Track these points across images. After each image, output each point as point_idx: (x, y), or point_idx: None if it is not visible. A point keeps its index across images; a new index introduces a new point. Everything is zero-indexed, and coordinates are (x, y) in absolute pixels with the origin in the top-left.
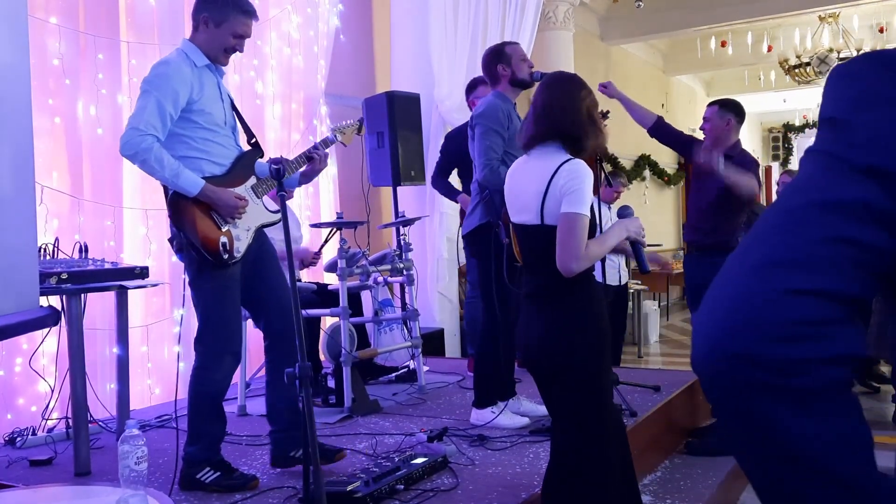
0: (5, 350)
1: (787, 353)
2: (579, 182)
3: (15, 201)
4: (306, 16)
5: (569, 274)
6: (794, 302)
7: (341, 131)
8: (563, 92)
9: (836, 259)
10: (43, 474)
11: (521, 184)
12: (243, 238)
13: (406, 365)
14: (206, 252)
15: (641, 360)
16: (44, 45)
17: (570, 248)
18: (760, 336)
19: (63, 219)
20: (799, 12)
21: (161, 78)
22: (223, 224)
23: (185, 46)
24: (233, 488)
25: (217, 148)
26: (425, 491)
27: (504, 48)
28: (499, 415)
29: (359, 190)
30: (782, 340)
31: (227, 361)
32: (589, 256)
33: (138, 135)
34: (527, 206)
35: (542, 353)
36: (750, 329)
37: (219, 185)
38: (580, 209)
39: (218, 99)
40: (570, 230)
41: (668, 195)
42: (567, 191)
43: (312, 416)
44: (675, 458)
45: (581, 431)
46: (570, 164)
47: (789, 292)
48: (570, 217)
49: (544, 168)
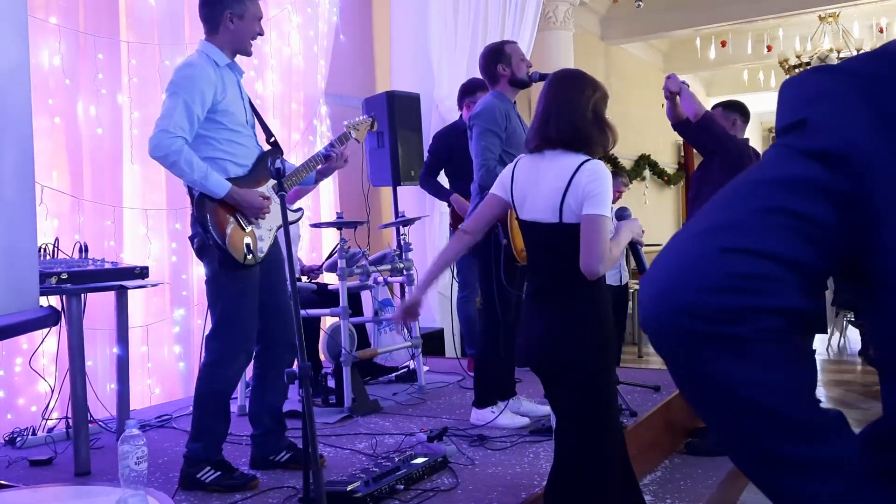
0: (5, 350)
1: (723, 303)
2: (602, 183)
3: (15, 201)
4: (306, 16)
5: (594, 276)
6: (732, 259)
7: (355, 128)
8: (564, 92)
9: (775, 225)
10: (43, 474)
11: (534, 182)
12: (266, 238)
13: (406, 365)
14: (231, 253)
15: (641, 360)
16: (44, 46)
17: (595, 250)
18: (699, 288)
19: (63, 219)
20: (799, 12)
21: (188, 79)
22: (247, 225)
23: (204, 48)
24: (233, 488)
25: (240, 149)
26: (425, 491)
27: (504, 47)
28: (499, 415)
29: (359, 190)
30: (719, 291)
31: (241, 359)
32: (612, 258)
33: (168, 137)
34: (542, 204)
35: (543, 352)
36: (690, 283)
37: (242, 186)
38: (604, 211)
39: (239, 98)
40: (595, 232)
41: (668, 195)
42: (590, 192)
43: (312, 415)
44: (675, 458)
45: (581, 432)
46: (591, 163)
47: (727, 250)
48: (595, 219)
49: (563, 166)
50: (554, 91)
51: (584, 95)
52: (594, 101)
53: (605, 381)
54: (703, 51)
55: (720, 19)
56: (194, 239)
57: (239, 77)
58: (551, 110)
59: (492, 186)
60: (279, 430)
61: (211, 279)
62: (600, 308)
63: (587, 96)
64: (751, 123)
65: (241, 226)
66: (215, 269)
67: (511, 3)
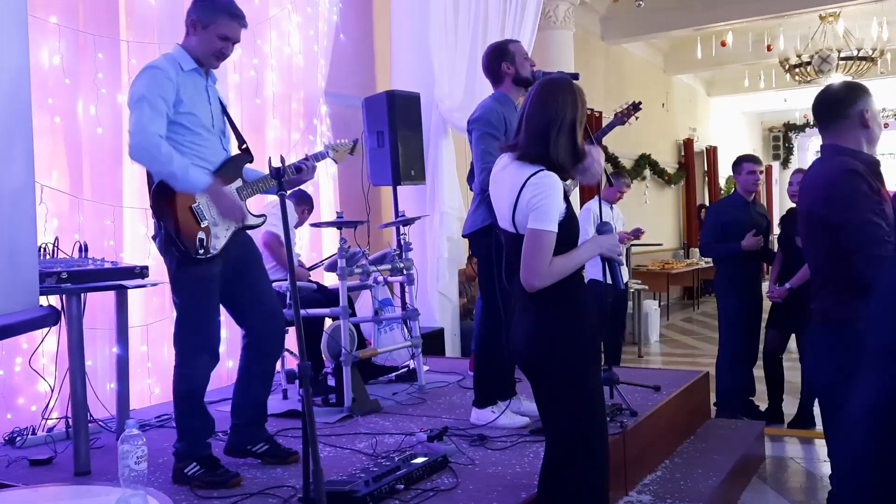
0: (5, 350)
1: None
2: (544, 197)
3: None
4: (306, 15)
5: (531, 290)
6: None
7: (335, 149)
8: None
9: None
10: (43, 474)
11: (499, 191)
12: (221, 236)
13: (406, 364)
14: (183, 244)
15: (641, 360)
16: (43, 45)
17: (531, 265)
18: None
19: (63, 218)
20: (799, 11)
21: (145, 79)
22: (203, 220)
23: (174, 50)
24: (214, 484)
25: (204, 150)
26: (425, 490)
27: (507, 46)
28: (499, 415)
29: (359, 189)
30: None
31: (203, 359)
32: (553, 273)
33: (141, 136)
34: (503, 215)
35: (527, 352)
36: None
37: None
38: (545, 225)
39: (205, 102)
40: (533, 247)
41: (668, 195)
42: (533, 206)
43: (312, 415)
44: (675, 458)
45: (564, 432)
46: (536, 177)
47: None
48: (534, 234)
49: (515, 178)
50: (532, 101)
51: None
52: (574, 120)
53: (585, 383)
54: (704, 50)
55: (720, 19)
56: (156, 238)
57: (208, 82)
58: (523, 122)
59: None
60: (260, 422)
61: (172, 278)
62: (580, 310)
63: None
64: (751, 123)
65: (198, 220)
66: (175, 267)
67: (511, 3)
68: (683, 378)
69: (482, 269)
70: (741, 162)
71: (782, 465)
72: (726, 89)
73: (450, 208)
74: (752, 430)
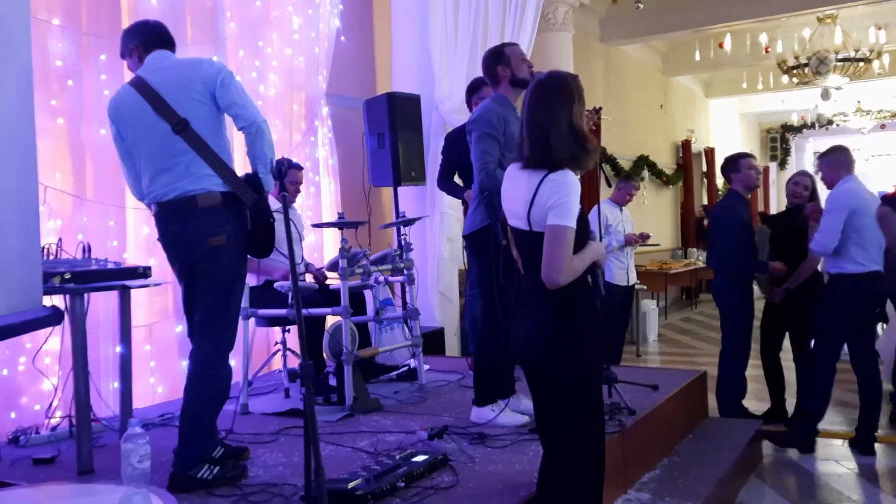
0: (9, 349)
1: None
2: (563, 194)
3: (18, 201)
4: (307, 17)
5: (553, 286)
6: None
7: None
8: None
9: None
10: (46, 473)
11: (514, 189)
12: None
13: (407, 363)
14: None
15: (640, 359)
16: (46, 46)
17: (554, 261)
18: None
19: (66, 219)
20: (797, 13)
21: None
22: None
23: None
24: (236, 478)
25: None
26: (426, 489)
27: (503, 49)
28: (499, 413)
29: (360, 190)
30: None
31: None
32: (574, 269)
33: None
34: (517, 212)
35: (528, 350)
36: None
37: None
38: (566, 221)
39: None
40: (556, 243)
41: (666, 196)
42: (552, 203)
43: (314, 414)
44: (673, 456)
45: (561, 429)
46: (554, 174)
47: None
48: (556, 230)
49: (531, 176)
50: (531, 105)
51: (557, 113)
52: (571, 115)
53: (587, 382)
54: (702, 52)
55: (719, 21)
56: (219, 234)
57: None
58: (524, 130)
59: (491, 189)
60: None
61: (234, 274)
62: (585, 310)
63: (561, 114)
64: (749, 124)
65: None
66: (237, 263)
67: (511, 5)
68: (681, 377)
69: (481, 269)
70: (738, 159)
71: (780, 463)
72: (724, 91)
73: (450, 209)
74: (750, 429)
